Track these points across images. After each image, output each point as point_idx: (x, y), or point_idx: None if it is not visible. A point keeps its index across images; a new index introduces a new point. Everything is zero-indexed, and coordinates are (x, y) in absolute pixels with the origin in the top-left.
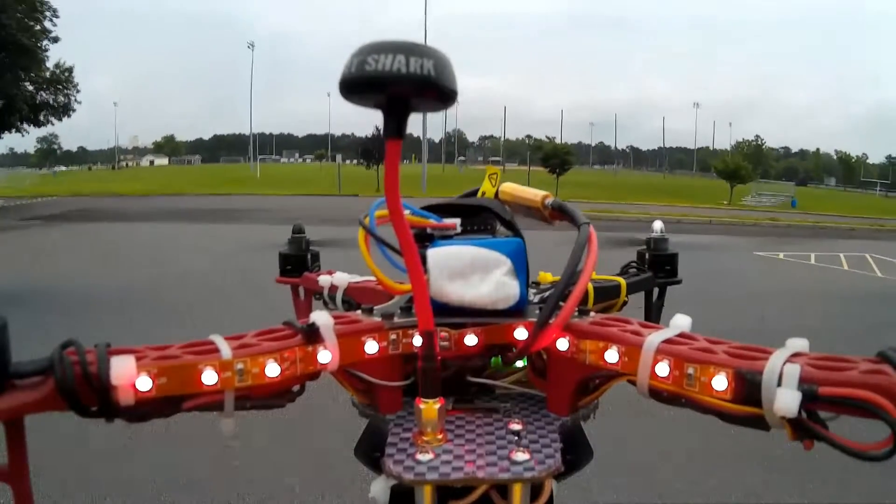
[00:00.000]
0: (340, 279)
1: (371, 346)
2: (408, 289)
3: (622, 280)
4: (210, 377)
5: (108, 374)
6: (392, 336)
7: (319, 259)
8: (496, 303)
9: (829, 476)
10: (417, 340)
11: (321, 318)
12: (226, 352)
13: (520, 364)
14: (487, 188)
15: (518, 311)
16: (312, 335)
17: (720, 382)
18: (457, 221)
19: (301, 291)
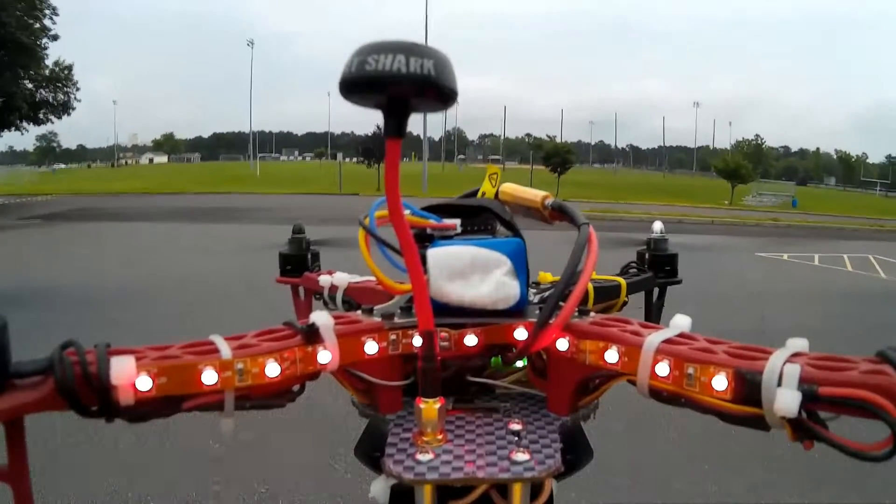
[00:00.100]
0: (340, 279)
1: (371, 346)
2: (408, 289)
3: (622, 280)
4: (210, 377)
5: (108, 374)
6: (392, 336)
7: (319, 259)
8: (496, 303)
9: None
10: (417, 340)
11: (321, 318)
12: (226, 352)
13: (520, 364)
14: (487, 188)
15: (518, 311)
16: (312, 335)
17: (720, 382)
18: (457, 222)
19: (301, 291)
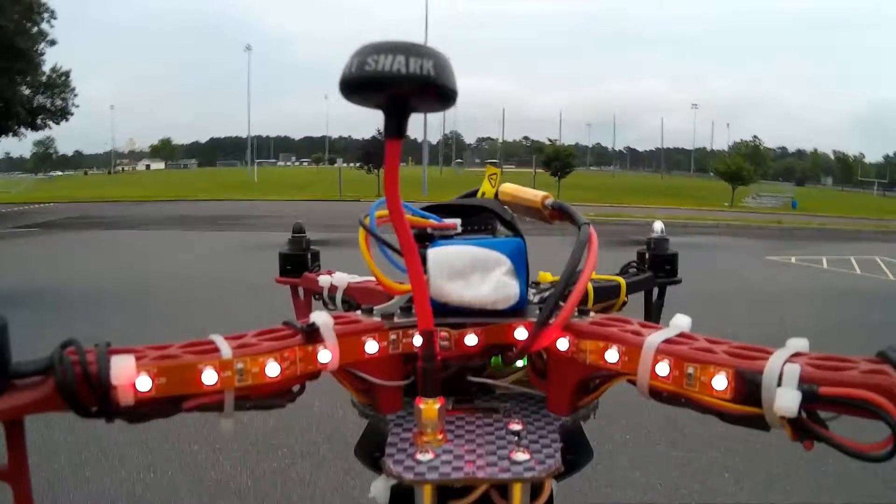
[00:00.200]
0: (340, 279)
1: (371, 346)
2: (408, 289)
3: (622, 280)
4: (210, 377)
5: (108, 374)
6: (392, 336)
7: (319, 259)
8: (496, 303)
9: None
10: (417, 340)
11: (321, 318)
12: (226, 351)
13: (520, 364)
14: (487, 189)
15: (518, 311)
16: (312, 335)
17: (720, 382)
18: (457, 221)
19: (301, 291)
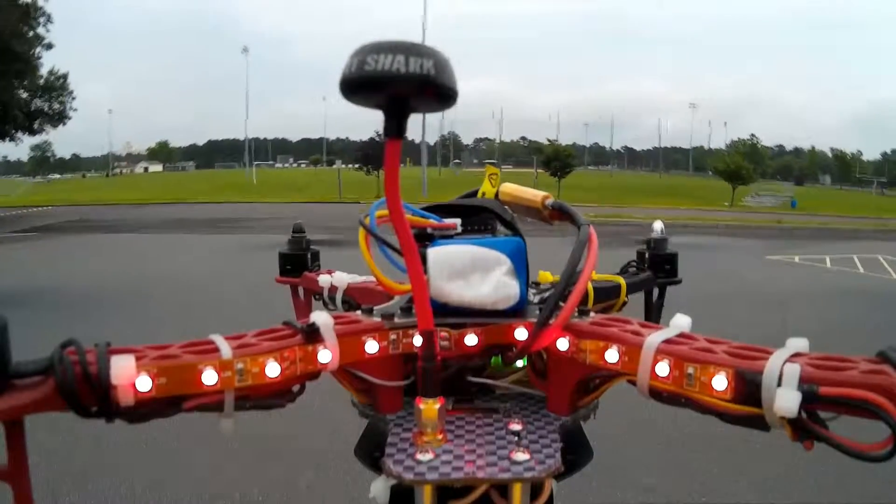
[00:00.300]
0: (340, 279)
1: (371, 346)
2: (408, 289)
3: (622, 280)
4: (210, 377)
5: (108, 374)
6: (392, 336)
7: (319, 259)
8: (496, 303)
9: None
10: (417, 340)
11: (321, 318)
12: (226, 351)
13: (520, 364)
14: (487, 188)
15: (518, 311)
16: (312, 335)
17: (720, 382)
18: (457, 221)
19: (301, 291)
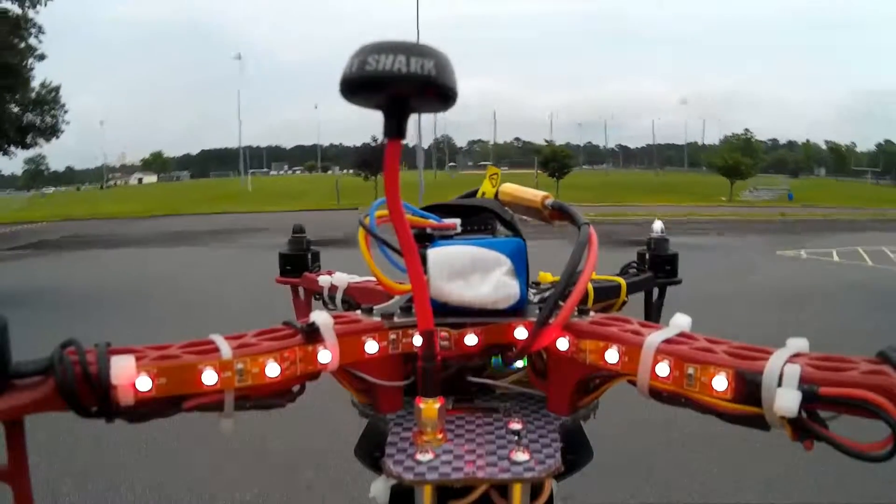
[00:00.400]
0: (340, 279)
1: (371, 346)
2: (408, 289)
3: (622, 280)
4: (210, 377)
5: (108, 374)
6: (392, 336)
7: (319, 259)
8: (496, 302)
9: None
10: (417, 340)
11: (321, 318)
12: (226, 351)
13: (520, 364)
14: (487, 189)
15: (518, 311)
16: (312, 335)
17: (720, 382)
18: (457, 221)
19: (301, 291)
